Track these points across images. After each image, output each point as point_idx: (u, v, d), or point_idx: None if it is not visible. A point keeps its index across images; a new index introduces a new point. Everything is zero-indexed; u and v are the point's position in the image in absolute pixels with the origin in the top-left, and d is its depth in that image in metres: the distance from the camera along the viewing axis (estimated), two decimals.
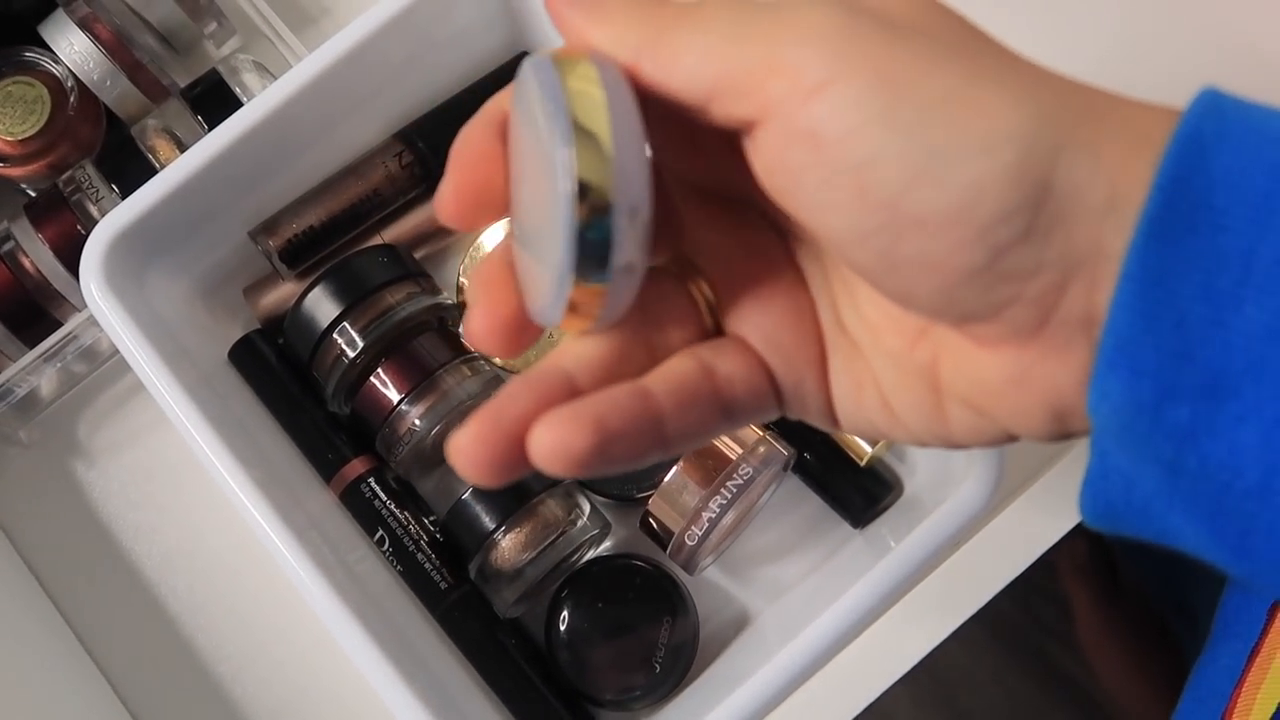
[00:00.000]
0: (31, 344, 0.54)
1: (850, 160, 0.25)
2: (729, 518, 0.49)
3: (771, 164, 0.27)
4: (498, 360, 0.54)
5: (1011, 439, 0.29)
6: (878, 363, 0.30)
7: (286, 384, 0.53)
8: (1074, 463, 0.50)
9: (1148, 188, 0.24)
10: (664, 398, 0.29)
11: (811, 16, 0.26)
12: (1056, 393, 0.26)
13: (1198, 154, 0.23)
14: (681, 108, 0.28)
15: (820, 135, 0.25)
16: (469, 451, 0.27)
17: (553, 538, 0.50)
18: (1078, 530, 0.50)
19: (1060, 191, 0.24)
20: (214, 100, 0.56)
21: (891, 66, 0.25)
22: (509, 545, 0.49)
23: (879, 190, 0.25)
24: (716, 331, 0.32)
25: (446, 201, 0.29)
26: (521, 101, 0.28)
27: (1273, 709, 0.39)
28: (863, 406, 0.31)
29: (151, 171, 0.50)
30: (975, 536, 0.50)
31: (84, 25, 0.55)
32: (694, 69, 0.27)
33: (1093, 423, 0.25)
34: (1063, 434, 0.27)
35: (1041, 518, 0.50)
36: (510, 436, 0.27)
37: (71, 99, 0.56)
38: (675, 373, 0.30)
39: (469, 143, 0.29)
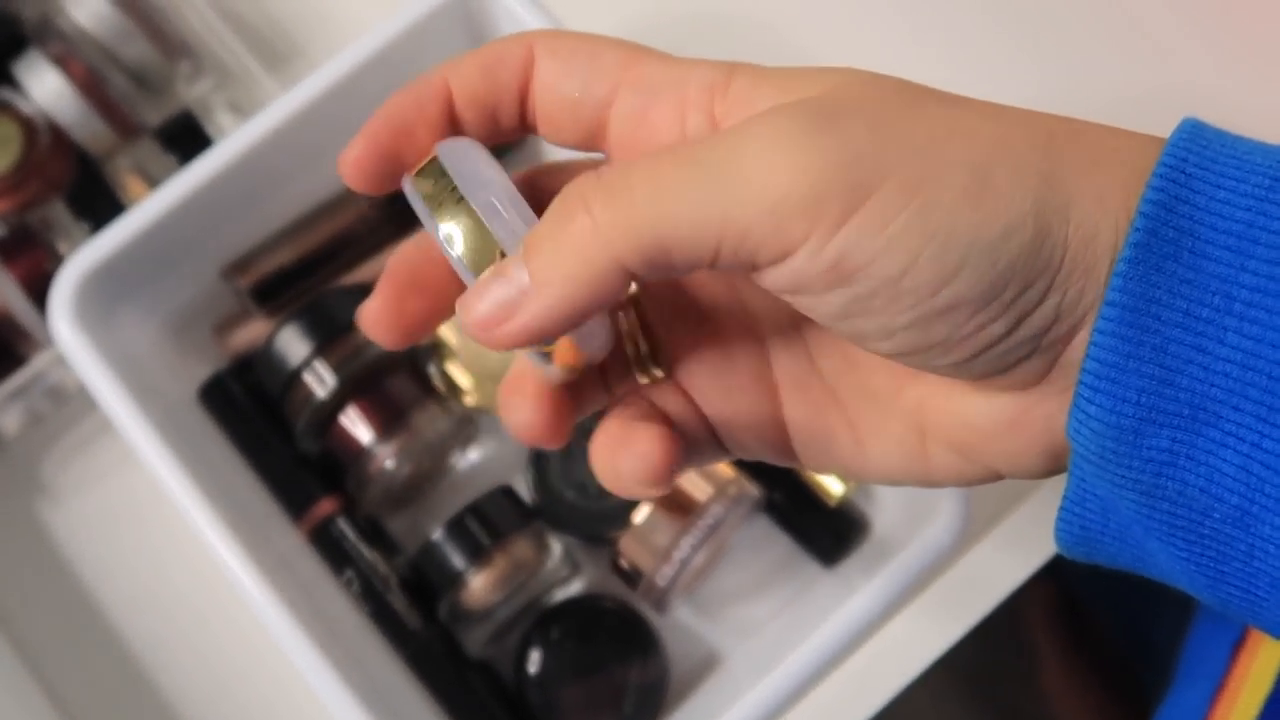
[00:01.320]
0: None
1: (882, 277, 0.24)
2: (699, 558, 0.49)
3: (789, 289, 0.25)
4: (469, 401, 0.54)
5: (997, 478, 0.29)
6: (858, 405, 0.30)
7: (256, 422, 0.53)
8: (1040, 503, 0.51)
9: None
10: None
11: (793, 145, 0.24)
12: (1052, 431, 0.26)
13: (1183, 183, 0.24)
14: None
15: (848, 263, 0.24)
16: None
17: (523, 578, 0.49)
18: (1045, 571, 0.50)
19: (1075, 246, 0.24)
20: (186, 139, 0.56)
21: (902, 173, 0.24)
22: (479, 585, 0.49)
23: (911, 294, 0.24)
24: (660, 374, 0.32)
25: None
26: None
27: None
28: (831, 450, 0.30)
29: (122, 210, 0.50)
30: (943, 576, 0.50)
31: (57, 63, 0.55)
32: (691, 244, 0.25)
33: (1072, 448, 0.26)
34: (1057, 469, 0.27)
35: (1009, 558, 0.50)
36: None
37: (43, 137, 0.56)
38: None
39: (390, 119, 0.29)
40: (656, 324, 0.32)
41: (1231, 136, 0.25)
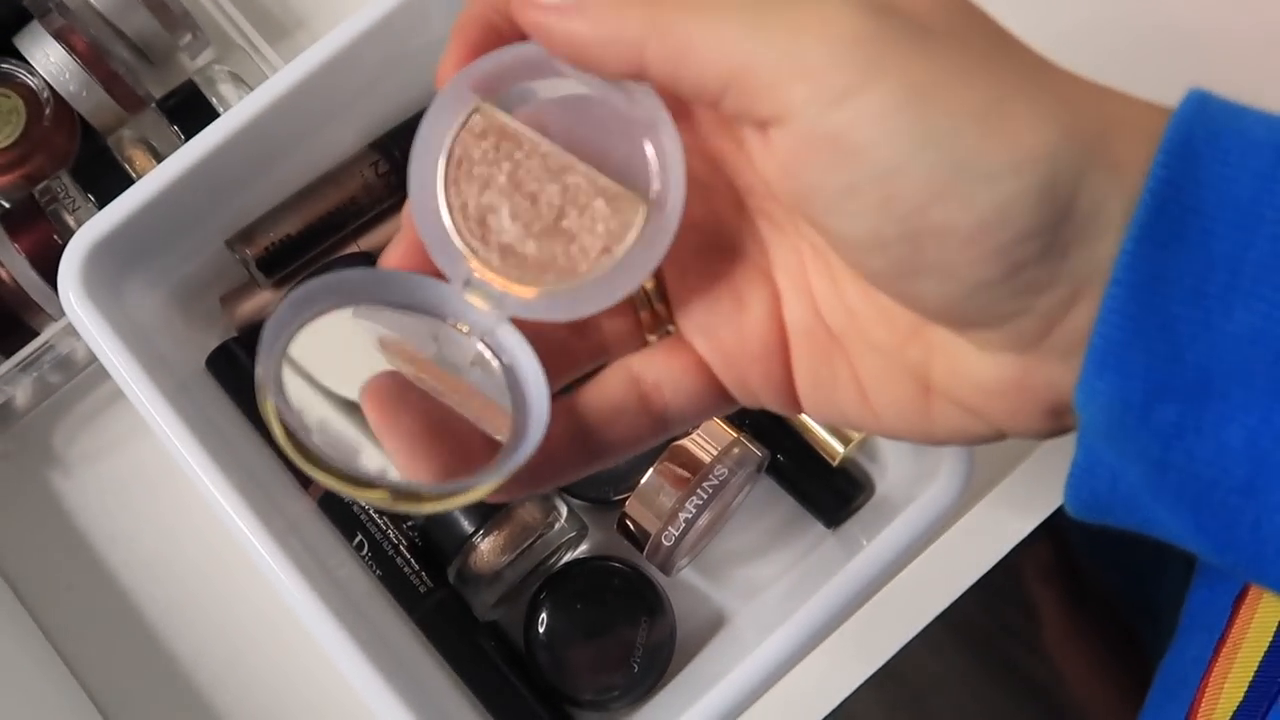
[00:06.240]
0: (7, 354, 0.54)
1: (876, 169, 0.25)
2: (704, 519, 0.50)
3: (787, 166, 0.26)
4: None
5: (1001, 437, 0.29)
6: (862, 356, 0.30)
7: None
8: (1040, 462, 0.51)
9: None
10: (589, 414, 0.31)
11: (838, 16, 0.25)
12: (1055, 394, 0.26)
13: (1190, 160, 0.24)
14: (684, 100, 0.27)
15: (845, 142, 0.25)
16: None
17: (531, 540, 0.50)
18: (1045, 530, 0.50)
19: (1083, 211, 0.24)
20: (190, 111, 0.56)
21: (921, 75, 0.24)
22: (487, 548, 0.50)
23: (903, 201, 0.25)
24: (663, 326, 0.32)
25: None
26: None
27: (1240, 697, 0.40)
28: (836, 400, 0.30)
29: (128, 181, 0.51)
30: (945, 534, 0.51)
31: (59, 36, 0.56)
32: (707, 62, 0.26)
33: (1079, 419, 0.26)
34: (1060, 430, 0.28)
35: (1010, 516, 0.51)
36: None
37: (47, 110, 0.56)
38: (601, 387, 0.31)
39: (474, 18, 0.30)
40: (668, 277, 0.32)
41: (1237, 108, 0.25)
